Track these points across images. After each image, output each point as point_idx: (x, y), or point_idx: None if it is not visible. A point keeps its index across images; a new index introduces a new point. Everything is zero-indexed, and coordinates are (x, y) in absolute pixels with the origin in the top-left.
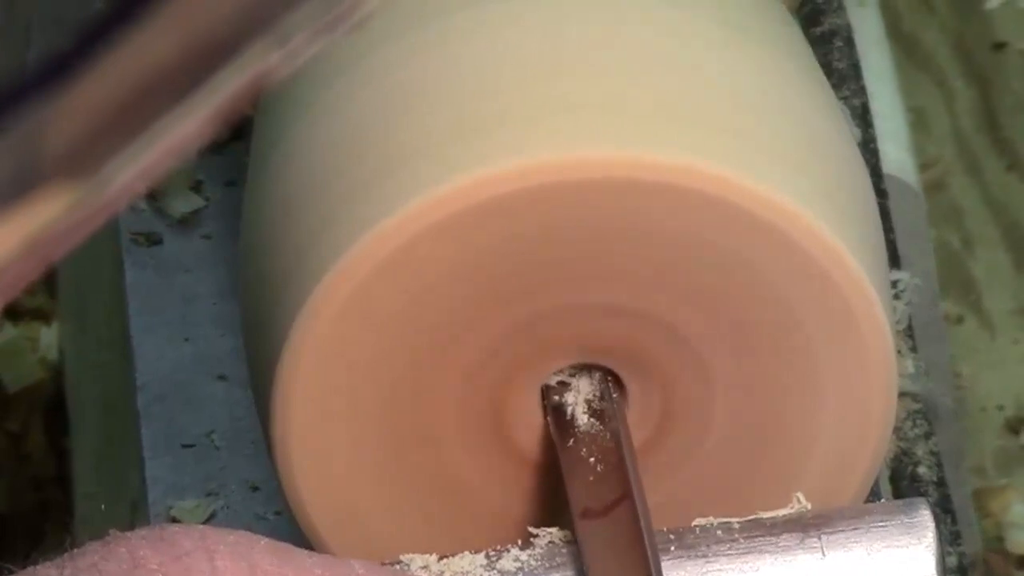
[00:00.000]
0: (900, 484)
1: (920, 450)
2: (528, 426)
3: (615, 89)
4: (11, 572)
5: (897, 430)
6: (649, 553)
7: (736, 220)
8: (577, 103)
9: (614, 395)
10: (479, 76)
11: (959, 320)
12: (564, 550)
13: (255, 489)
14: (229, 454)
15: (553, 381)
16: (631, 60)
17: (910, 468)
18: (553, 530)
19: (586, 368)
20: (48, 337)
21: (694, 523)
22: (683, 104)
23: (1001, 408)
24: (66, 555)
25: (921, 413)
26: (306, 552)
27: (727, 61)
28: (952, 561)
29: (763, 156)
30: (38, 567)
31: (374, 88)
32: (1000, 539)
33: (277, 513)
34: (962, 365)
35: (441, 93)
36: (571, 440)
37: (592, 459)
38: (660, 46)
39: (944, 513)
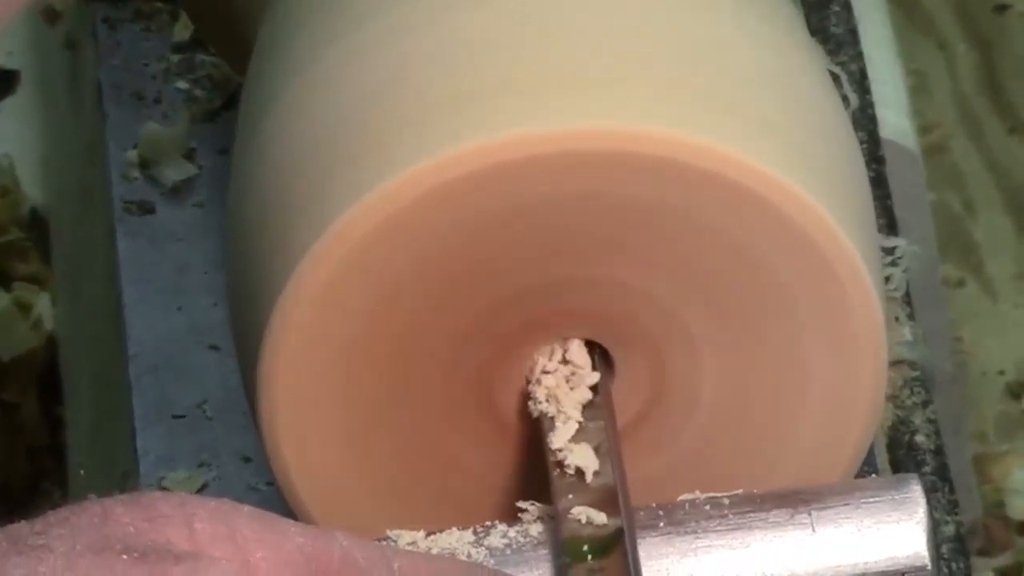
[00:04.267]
0: (897, 453)
1: (918, 418)
2: (515, 399)
3: (602, 62)
4: None
5: (894, 398)
6: (623, 512)
7: (720, 190)
8: (569, 76)
9: (598, 367)
10: (476, 46)
11: (960, 284)
12: (551, 526)
13: (247, 460)
14: (221, 425)
15: (541, 353)
16: (620, 32)
17: (907, 436)
18: (540, 505)
19: (574, 340)
20: (42, 304)
21: (682, 498)
22: (667, 75)
23: (1002, 373)
24: (41, 516)
25: (919, 380)
26: (290, 521)
27: (713, 30)
28: (950, 530)
29: (746, 126)
30: (11, 525)
31: (369, 57)
32: (1001, 505)
33: (269, 484)
34: (963, 330)
35: (437, 63)
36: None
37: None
38: (649, 17)
39: (942, 482)
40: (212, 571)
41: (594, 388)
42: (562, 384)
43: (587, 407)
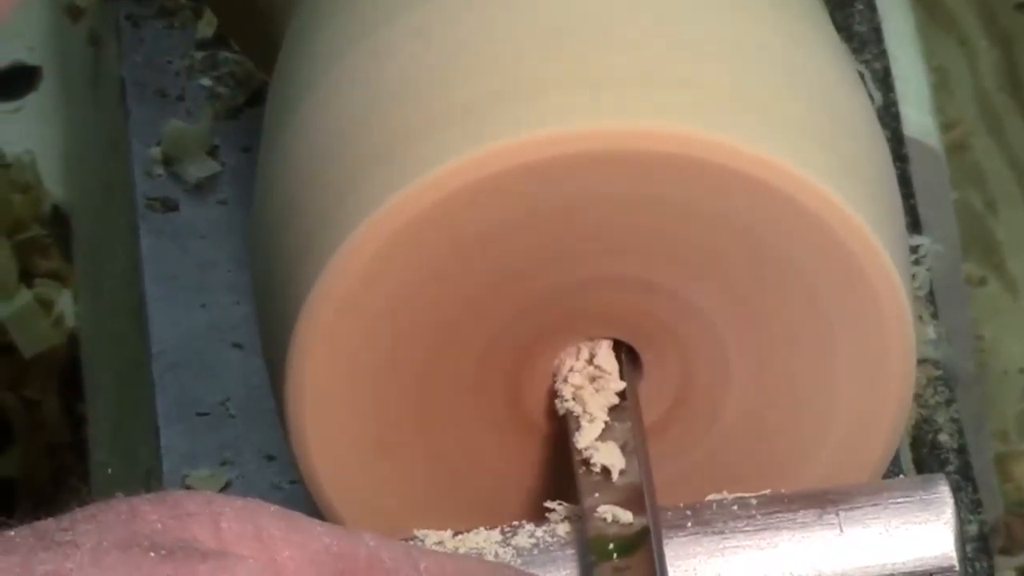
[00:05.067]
0: (921, 451)
1: (941, 417)
2: (543, 398)
3: (630, 61)
4: (9, 526)
5: (918, 397)
6: (649, 511)
7: (751, 192)
8: (595, 75)
9: (626, 366)
10: (501, 46)
11: (981, 282)
12: (578, 525)
13: (270, 458)
14: (244, 423)
15: (568, 353)
16: (648, 31)
17: (931, 435)
18: (568, 505)
19: (602, 341)
20: (64, 301)
21: (709, 498)
22: (694, 74)
23: (1023, 371)
24: (68, 512)
25: (942, 380)
26: (316, 520)
27: (741, 28)
28: (973, 529)
29: (777, 127)
30: (38, 521)
31: (395, 57)
32: (1022, 504)
33: (292, 482)
34: (984, 328)
35: (462, 63)
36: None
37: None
38: (674, 15)
39: (964, 481)
40: (238, 569)
41: (621, 393)
42: (587, 384)
43: (614, 407)
